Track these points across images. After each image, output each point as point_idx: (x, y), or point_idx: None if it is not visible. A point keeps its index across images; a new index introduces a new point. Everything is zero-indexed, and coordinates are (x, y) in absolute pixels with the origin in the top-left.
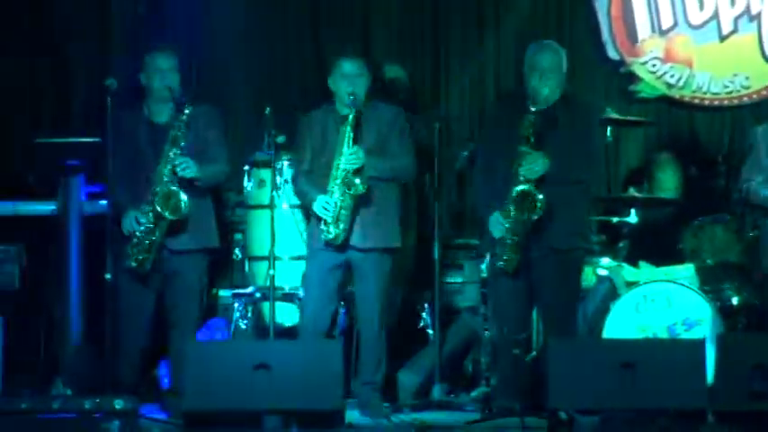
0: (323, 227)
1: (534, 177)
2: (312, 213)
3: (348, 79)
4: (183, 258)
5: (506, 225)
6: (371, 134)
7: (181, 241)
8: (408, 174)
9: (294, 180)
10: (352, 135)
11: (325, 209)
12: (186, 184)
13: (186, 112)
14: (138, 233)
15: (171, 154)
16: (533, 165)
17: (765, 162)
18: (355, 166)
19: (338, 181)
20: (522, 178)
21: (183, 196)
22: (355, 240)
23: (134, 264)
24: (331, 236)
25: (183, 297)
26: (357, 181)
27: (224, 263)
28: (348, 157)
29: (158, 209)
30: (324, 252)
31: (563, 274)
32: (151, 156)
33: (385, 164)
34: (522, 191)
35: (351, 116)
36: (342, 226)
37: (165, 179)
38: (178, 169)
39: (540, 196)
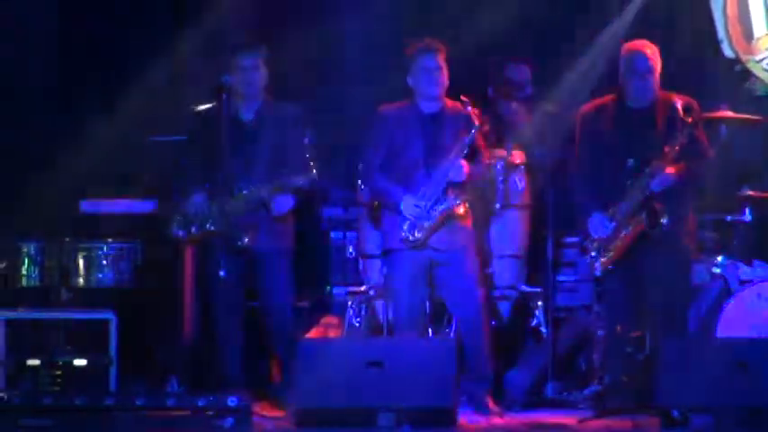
0: (405, 228)
1: (659, 190)
2: (393, 211)
3: (429, 73)
4: (268, 258)
5: (611, 229)
6: (451, 136)
7: (262, 242)
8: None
9: (366, 176)
10: (468, 150)
11: (415, 210)
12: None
13: (314, 173)
14: (194, 217)
15: (269, 194)
16: (664, 179)
17: None
18: (460, 179)
19: (440, 188)
20: (649, 192)
21: (254, 229)
22: (436, 242)
23: (174, 235)
24: (412, 239)
25: (276, 296)
26: (459, 201)
27: (338, 260)
28: (457, 169)
29: (231, 233)
30: (408, 252)
31: (675, 274)
32: (236, 153)
33: (479, 171)
34: (654, 209)
35: (474, 131)
36: (426, 233)
37: (251, 207)
38: (275, 212)
39: (665, 220)
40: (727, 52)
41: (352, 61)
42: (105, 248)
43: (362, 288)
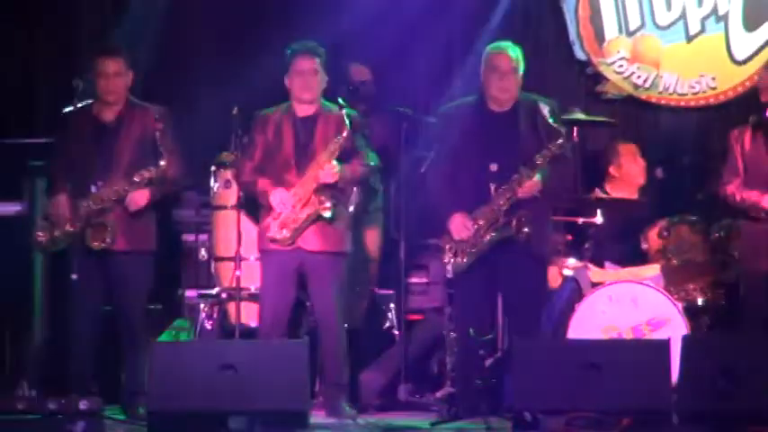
0: (273, 225)
1: (525, 197)
2: (264, 207)
3: (302, 77)
4: (125, 260)
5: (473, 231)
6: (323, 139)
7: (120, 242)
8: (369, 177)
9: (241, 173)
10: (337, 152)
11: (283, 203)
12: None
13: (161, 163)
14: (56, 219)
15: (123, 189)
16: (532, 188)
17: (740, 165)
18: (331, 181)
19: (306, 188)
20: (515, 199)
21: (112, 230)
22: (307, 243)
23: (40, 240)
24: (279, 236)
25: (129, 298)
26: (328, 204)
27: (190, 263)
28: (327, 171)
29: (87, 235)
30: (278, 253)
31: (535, 277)
32: (96, 154)
33: (349, 172)
34: (520, 216)
35: (344, 133)
36: (293, 234)
37: (107, 204)
38: (131, 206)
39: (528, 228)
40: (579, 54)
41: (205, 62)
42: None
43: (215, 291)
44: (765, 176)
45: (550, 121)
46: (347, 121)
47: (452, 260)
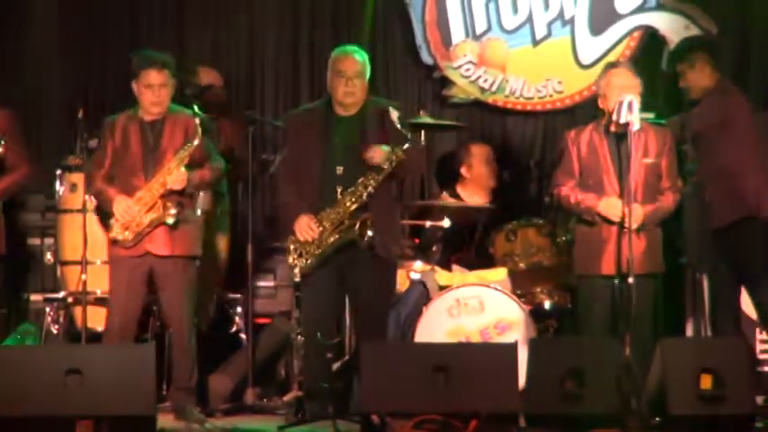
0: (116, 226)
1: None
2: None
3: (152, 90)
4: None
5: (318, 233)
6: (170, 144)
7: None
8: (218, 181)
9: (92, 182)
10: (187, 159)
11: (126, 211)
12: None
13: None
14: None
15: None
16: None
17: (576, 167)
18: (179, 188)
19: (153, 193)
20: (361, 202)
21: None
22: (157, 248)
23: None
24: (120, 237)
25: None
26: (173, 211)
27: (35, 267)
28: (177, 177)
29: None
30: (127, 258)
31: (381, 280)
32: None
33: (198, 178)
34: (364, 221)
35: (195, 142)
36: (135, 236)
37: None
38: None
39: (370, 233)
40: (426, 58)
41: (51, 62)
42: None
43: (61, 295)
44: (599, 180)
45: (399, 126)
46: (199, 130)
47: (296, 261)
